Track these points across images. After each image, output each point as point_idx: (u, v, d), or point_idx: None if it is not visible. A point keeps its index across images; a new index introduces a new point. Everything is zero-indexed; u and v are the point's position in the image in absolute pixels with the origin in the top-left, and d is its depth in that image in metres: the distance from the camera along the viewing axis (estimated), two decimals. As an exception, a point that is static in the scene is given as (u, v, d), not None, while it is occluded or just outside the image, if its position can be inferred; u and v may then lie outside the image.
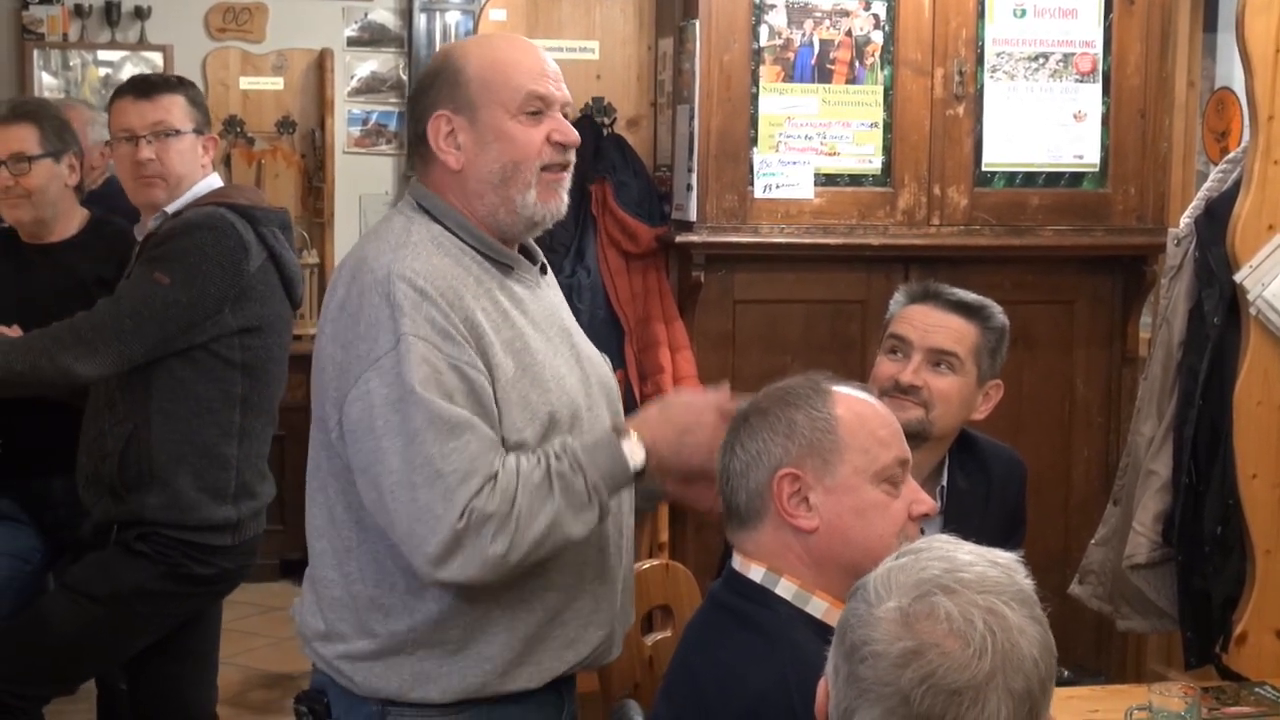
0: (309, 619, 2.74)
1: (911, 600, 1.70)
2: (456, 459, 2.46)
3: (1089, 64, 5.01)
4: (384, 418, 2.49)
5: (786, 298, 4.98)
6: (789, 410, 2.32)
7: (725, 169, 4.79)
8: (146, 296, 3.63)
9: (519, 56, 2.67)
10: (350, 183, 8.07)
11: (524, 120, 2.63)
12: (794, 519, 2.28)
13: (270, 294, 3.80)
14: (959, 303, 3.27)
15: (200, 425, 3.74)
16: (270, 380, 3.87)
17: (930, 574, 1.72)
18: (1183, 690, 2.88)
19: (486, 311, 2.59)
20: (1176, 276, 4.07)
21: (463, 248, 2.64)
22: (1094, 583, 4.29)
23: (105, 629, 3.80)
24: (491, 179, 2.64)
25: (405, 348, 2.48)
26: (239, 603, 7.06)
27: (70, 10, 7.72)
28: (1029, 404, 5.06)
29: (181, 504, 3.73)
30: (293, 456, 7.25)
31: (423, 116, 2.68)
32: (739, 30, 4.78)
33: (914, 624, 1.68)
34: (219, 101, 7.95)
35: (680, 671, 2.38)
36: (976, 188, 4.96)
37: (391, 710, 2.65)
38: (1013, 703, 1.66)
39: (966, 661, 1.66)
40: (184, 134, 3.82)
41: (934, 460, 3.24)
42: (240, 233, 3.71)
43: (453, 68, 2.66)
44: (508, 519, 2.46)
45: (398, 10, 8.12)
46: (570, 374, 2.70)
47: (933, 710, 1.65)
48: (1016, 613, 1.69)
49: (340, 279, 2.64)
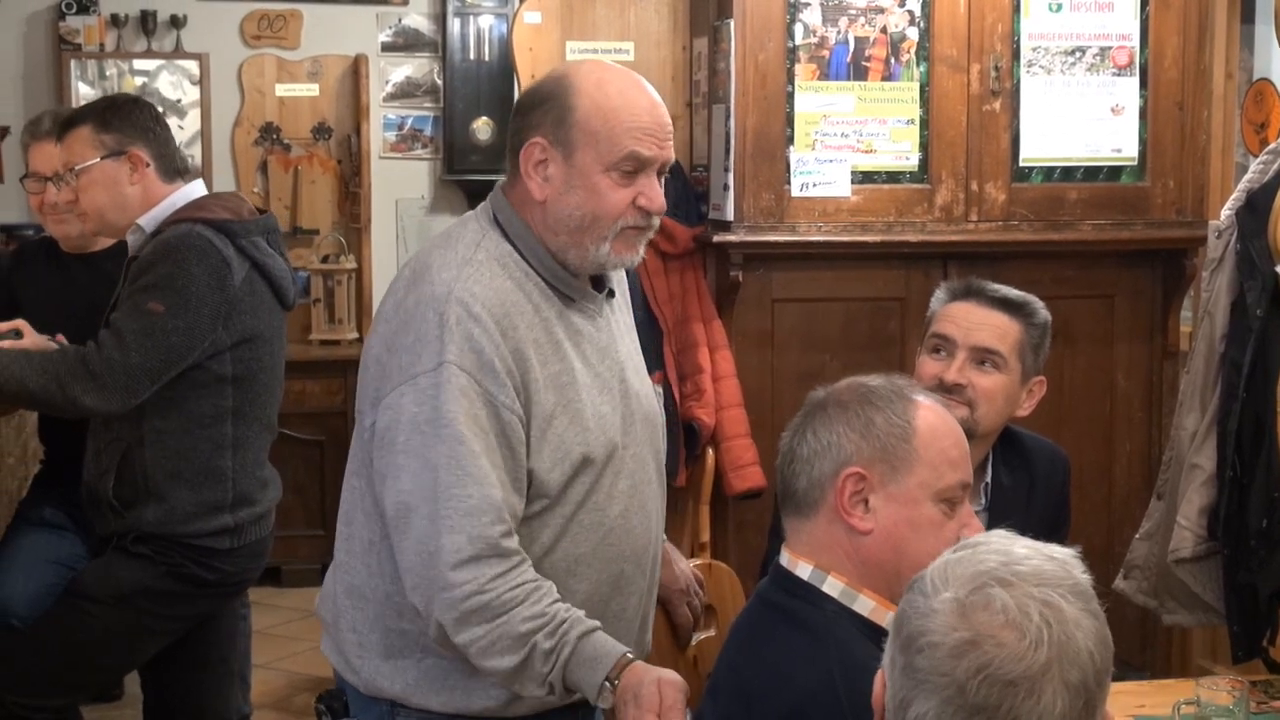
0: (325, 607, 2.79)
1: (968, 592, 1.70)
2: (463, 505, 2.49)
3: (1126, 57, 4.99)
4: (407, 435, 2.52)
5: (825, 296, 4.97)
6: (869, 409, 2.30)
7: (762, 168, 4.78)
8: (145, 329, 3.61)
9: (632, 109, 2.61)
10: (386, 188, 8.08)
11: (615, 177, 2.60)
12: (850, 517, 2.27)
13: (258, 304, 3.80)
14: (1002, 299, 3.26)
15: (193, 441, 3.75)
16: (261, 389, 3.85)
17: (987, 566, 1.72)
18: (1230, 684, 2.86)
19: (538, 343, 2.59)
20: (1218, 269, 4.04)
21: (528, 272, 2.64)
22: (1139, 578, 4.27)
23: (112, 633, 3.82)
24: (569, 222, 2.62)
25: (446, 376, 2.49)
26: (281, 607, 7.13)
27: (106, 20, 7.75)
28: (1070, 399, 5.04)
29: (178, 518, 3.75)
30: (332, 461, 7.37)
31: (521, 134, 2.66)
32: (774, 29, 4.77)
33: (970, 615, 1.68)
34: (255, 108, 7.98)
35: (726, 670, 2.38)
36: (1014, 183, 4.94)
37: (401, 713, 2.68)
38: (1068, 695, 1.65)
39: (1022, 653, 1.65)
40: (90, 165, 3.81)
41: (978, 457, 3.22)
42: (220, 249, 3.69)
43: (564, 100, 2.61)
44: (489, 618, 2.50)
45: (431, 15, 8.14)
46: (613, 412, 2.69)
47: (988, 701, 1.65)
48: (1072, 605, 1.69)
49: (401, 280, 2.65)
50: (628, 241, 2.65)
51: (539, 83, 2.72)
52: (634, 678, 2.46)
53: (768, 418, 4.85)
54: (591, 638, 2.51)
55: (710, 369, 4.83)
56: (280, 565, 7.31)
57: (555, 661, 2.49)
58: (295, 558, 7.34)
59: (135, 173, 3.82)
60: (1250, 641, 3.91)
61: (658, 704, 2.41)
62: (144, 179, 3.82)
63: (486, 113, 8.03)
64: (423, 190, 8.23)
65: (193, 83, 7.89)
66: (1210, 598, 4.05)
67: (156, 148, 3.86)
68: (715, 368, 4.84)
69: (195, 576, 3.80)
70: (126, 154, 3.82)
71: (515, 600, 2.49)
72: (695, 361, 4.84)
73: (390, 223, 8.14)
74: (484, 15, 8.03)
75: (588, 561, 2.67)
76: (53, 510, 4.26)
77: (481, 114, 8.04)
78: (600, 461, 2.64)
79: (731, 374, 4.85)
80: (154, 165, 3.83)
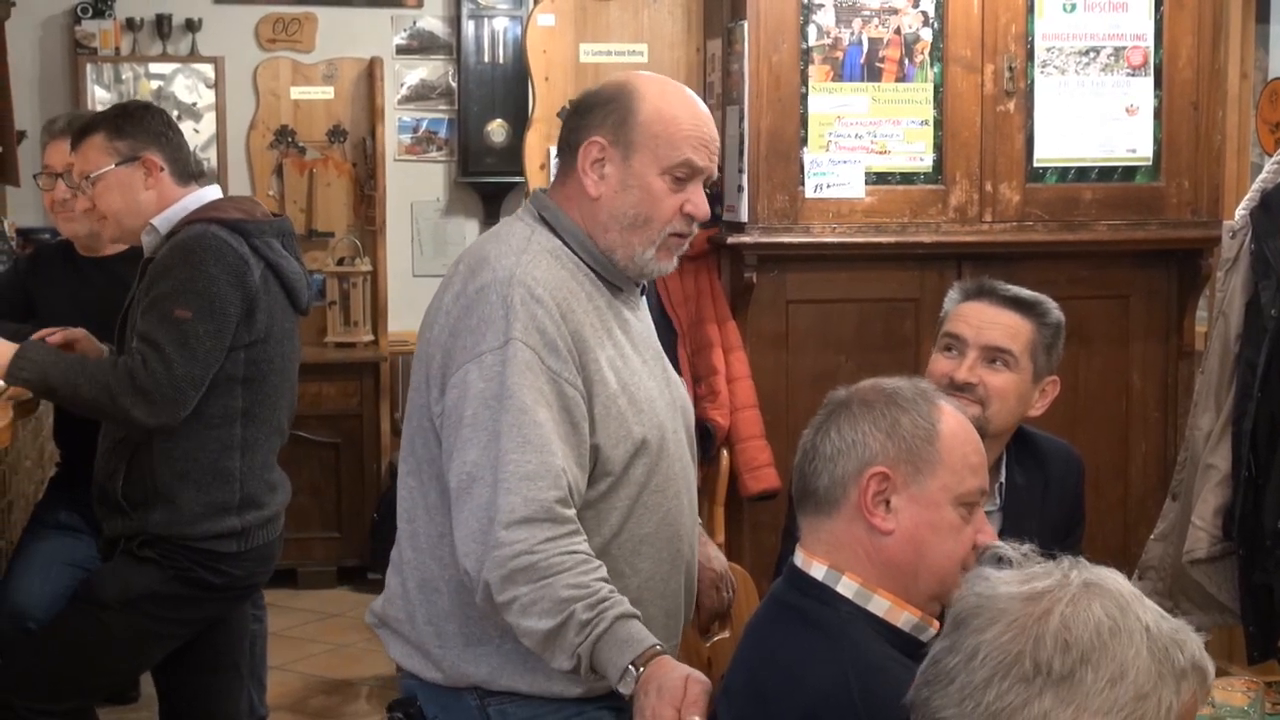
0: (393, 607, 2.81)
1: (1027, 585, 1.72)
2: (522, 469, 2.55)
3: (1140, 57, 4.98)
4: (474, 410, 2.60)
5: (839, 297, 4.97)
6: (895, 410, 2.30)
7: (776, 169, 4.78)
8: (180, 339, 3.63)
9: (692, 119, 2.74)
10: (402, 190, 8.10)
11: (668, 182, 2.72)
12: (872, 517, 2.27)
13: (273, 305, 3.82)
14: (1014, 299, 3.26)
15: (202, 441, 3.76)
16: (272, 390, 3.86)
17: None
18: (1245, 685, 2.86)
19: (594, 327, 2.69)
20: (1232, 269, 4.04)
21: (578, 263, 2.75)
22: (1154, 578, 4.27)
23: (119, 637, 3.82)
24: (623, 220, 2.74)
25: (512, 351, 2.58)
26: (297, 609, 7.15)
27: (122, 24, 7.76)
28: (1085, 400, 5.04)
29: (185, 519, 3.76)
30: (348, 463, 7.39)
31: (579, 133, 2.76)
32: (787, 30, 4.78)
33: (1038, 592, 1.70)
34: (270, 112, 8.00)
35: (740, 671, 2.37)
36: (1029, 183, 4.94)
37: (491, 700, 2.71)
38: (1153, 651, 1.67)
39: (1091, 614, 1.67)
40: (105, 172, 3.84)
41: (992, 457, 3.22)
42: (235, 248, 3.72)
43: (626, 102, 2.73)
44: (534, 578, 2.53)
45: (446, 18, 8.14)
46: (660, 397, 2.80)
47: (1078, 645, 1.66)
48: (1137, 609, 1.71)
49: (457, 274, 2.74)
50: (669, 249, 2.78)
51: (599, 87, 2.83)
52: (659, 669, 2.48)
53: (782, 419, 4.85)
54: (628, 622, 2.54)
55: (725, 370, 4.83)
56: (296, 567, 7.32)
57: (589, 635, 2.52)
58: (311, 560, 7.35)
59: (150, 177, 3.84)
60: (1266, 642, 3.90)
61: (681, 698, 2.42)
62: (159, 184, 3.84)
63: (501, 115, 8.03)
64: (438, 193, 8.24)
65: (208, 86, 7.90)
66: (1225, 598, 4.05)
67: (170, 152, 3.88)
68: (730, 369, 4.84)
69: (202, 580, 3.81)
70: (140, 159, 3.84)
71: (563, 566, 2.53)
72: (710, 363, 4.84)
73: (405, 225, 8.15)
74: (498, 17, 8.04)
75: (651, 541, 2.76)
76: (68, 513, 4.27)
77: (496, 116, 8.05)
78: (655, 444, 2.73)
79: (746, 375, 4.85)
80: (168, 170, 3.86)
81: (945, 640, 1.75)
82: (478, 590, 2.59)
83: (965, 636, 1.70)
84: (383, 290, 7.89)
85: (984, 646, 1.68)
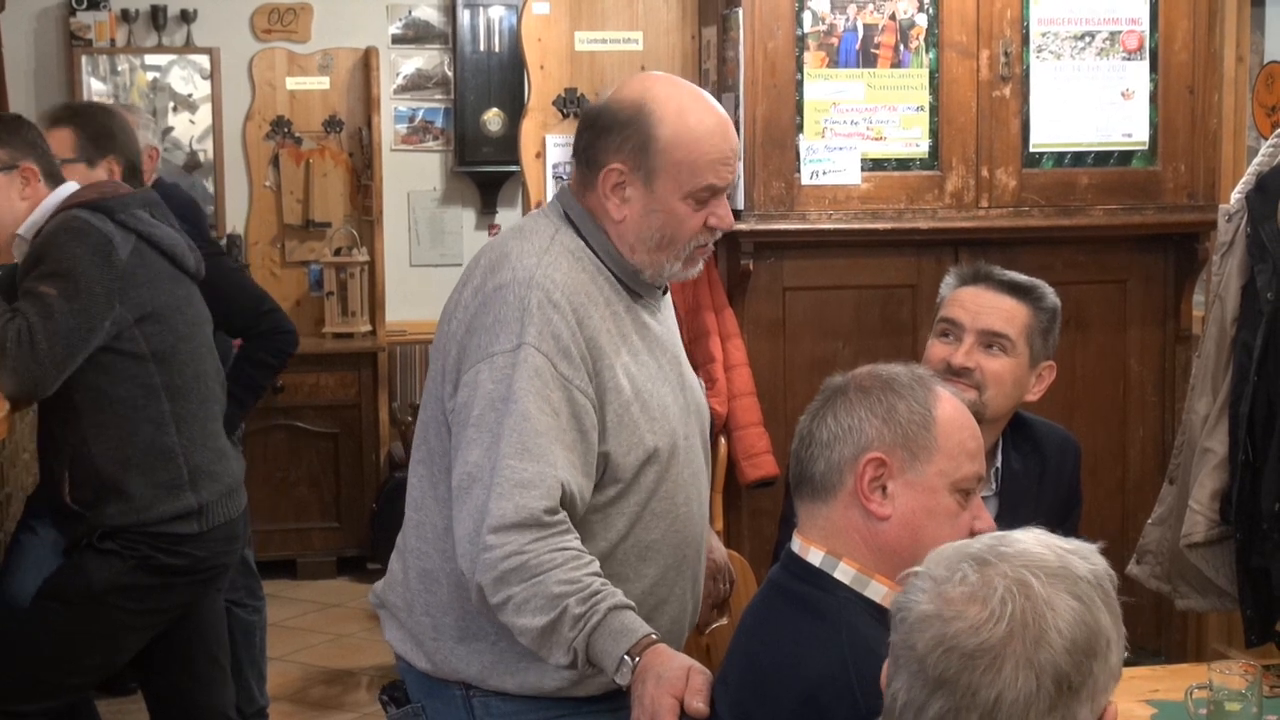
0: (393, 593, 2.83)
1: (945, 571, 1.72)
2: (517, 476, 2.55)
3: (1136, 41, 4.98)
4: (480, 410, 2.61)
5: (836, 284, 4.97)
6: (891, 395, 2.31)
7: (772, 156, 4.78)
8: (43, 310, 3.63)
9: (712, 139, 2.71)
10: (398, 180, 8.10)
11: (691, 204, 2.72)
12: (869, 502, 2.27)
13: (154, 276, 3.81)
14: (1010, 284, 3.27)
15: (134, 425, 3.76)
16: (188, 359, 3.86)
17: (973, 549, 1.73)
18: (1244, 668, 2.86)
19: (610, 333, 2.70)
20: (1228, 253, 4.04)
21: (599, 266, 2.75)
22: (1152, 562, 4.27)
23: (90, 632, 3.81)
24: (649, 242, 2.74)
25: (523, 356, 2.59)
26: (297, 600, 7.16)
27: (117, 15, 7.77)
28: (1083, 384, 5.04)
29: (139, 505, 3.76)
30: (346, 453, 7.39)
31: (598, 154, 2.73)
32: (782, 17, 4.77)
33: (938, 590, 1.70)
34: (266, 102, 8.00)
35: (739, 657, 2.38)
36: (1025, 169, 4.93)
37: (476, 693, 2.71)
38: (1034, 676, 1.64)
39: (979, 625, 1.66)
40: None
41: (989, 442, 3.22)
42: (98, 226, 3.72)
43: (645, 129, 2.69)
44: (525, 577, 2.54)
45: (441, 7, 8.14)
46: (674, 403, 2.80)
47: (947, 673, 1.65)
48: (1048, 587, 1.68)
49: (477, 269, 2.75)
50: (694, 259, 2.79)
51: (615, 103, 2.76)
52: (656, 658, 2.48)
53: (780, 406, 4.85)
54: (621, 613, 2.54)
55: (722, 358, 4.83)
56: (295, 558, 7.33)
57: (583, 628, 2.52)
58: (310, 550, 7.36)
59: (28, 186, 3.86)
60: (1264, 626, 3.91)
61: (683, 688, 2.42)
62: (34, 193, 3.86)
63: (497, 104, 8.04)
64: (434, 182, 8.25)
65: (204, 77, 7.91)
66: (1223, 582, 4.05)
67: (45, 163, 3.91)
68: (727, 356, 4.84)
69: (166, 566, 3.80)
70: (19, 168, 3.85)
71: (553, 563, 2.53)
72: (707, 350, 4.84)
73: (402, 215, 8.16)
74: (494, 6, 8.04)
75: (657, 547, 2.76)
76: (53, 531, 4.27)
77: (492, 105, 8.05)
78: (666, 451, 2.73)
79: (743, 362, 4.85)
80: (42, 180, 3.88)
81: (943, 700, 1.69)
82: (472, 592, 2.60)
83: (978, 690, 1.66)
84: (380, 280, 7.90)
85: (1005, 692, 1.65)
